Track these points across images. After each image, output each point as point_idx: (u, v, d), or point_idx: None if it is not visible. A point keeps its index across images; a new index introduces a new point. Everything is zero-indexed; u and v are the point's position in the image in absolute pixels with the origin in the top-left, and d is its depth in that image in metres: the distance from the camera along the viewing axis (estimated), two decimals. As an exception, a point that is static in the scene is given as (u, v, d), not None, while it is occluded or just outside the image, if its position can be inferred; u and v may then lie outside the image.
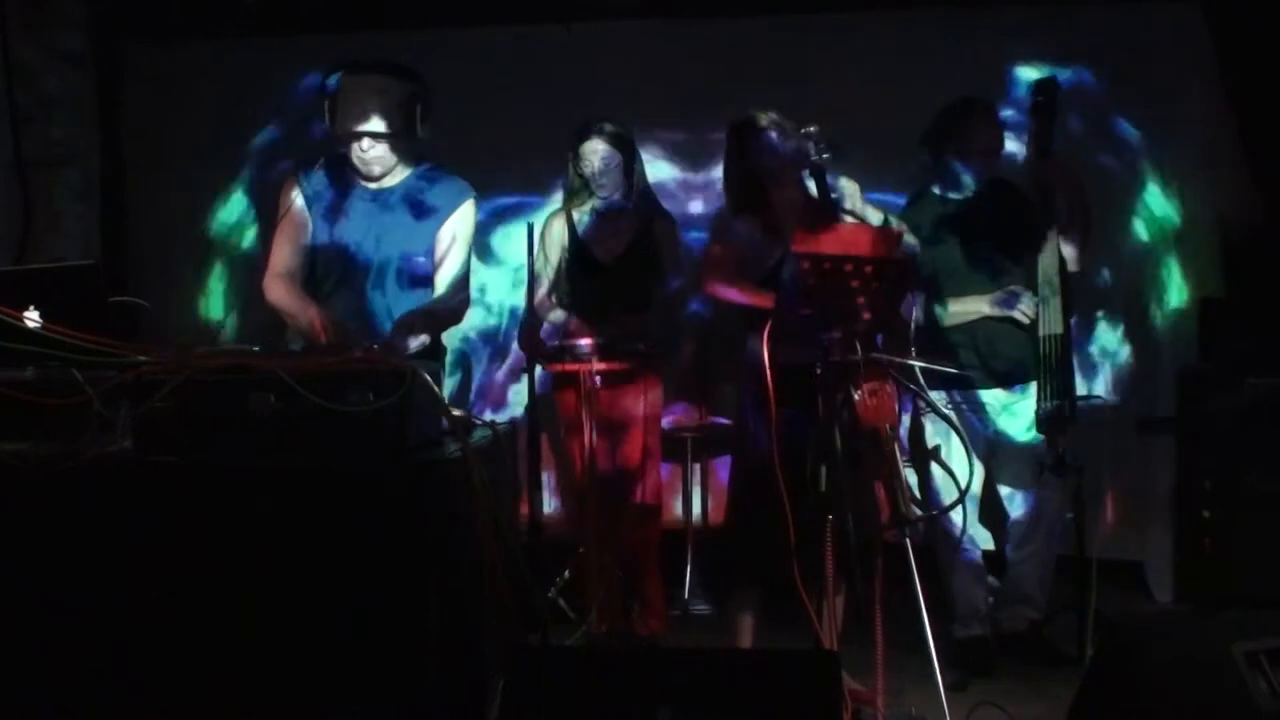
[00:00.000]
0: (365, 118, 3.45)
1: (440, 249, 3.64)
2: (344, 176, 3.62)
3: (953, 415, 3.85)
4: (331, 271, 3.62)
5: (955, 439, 3.67)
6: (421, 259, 3.62)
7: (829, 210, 3.43)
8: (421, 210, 3.62)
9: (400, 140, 3.52)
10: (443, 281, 3.64)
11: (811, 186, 3.43)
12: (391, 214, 3.61)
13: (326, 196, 3.62)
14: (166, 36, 5.37)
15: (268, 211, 5.18)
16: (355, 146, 3.51)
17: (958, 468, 3.59)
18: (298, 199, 3.61)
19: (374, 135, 3.48)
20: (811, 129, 3.39)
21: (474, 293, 4.02)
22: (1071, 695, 2.68)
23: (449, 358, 3.95)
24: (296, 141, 5.24)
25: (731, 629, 3.67)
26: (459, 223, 3.65)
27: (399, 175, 3.62)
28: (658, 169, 5.06)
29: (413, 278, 3.62)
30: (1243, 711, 2.36)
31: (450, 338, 4.02)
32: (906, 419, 3.88)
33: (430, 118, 3.55)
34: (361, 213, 3.61)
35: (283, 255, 3.63)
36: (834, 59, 5.07)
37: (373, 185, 3.60)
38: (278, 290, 3.60)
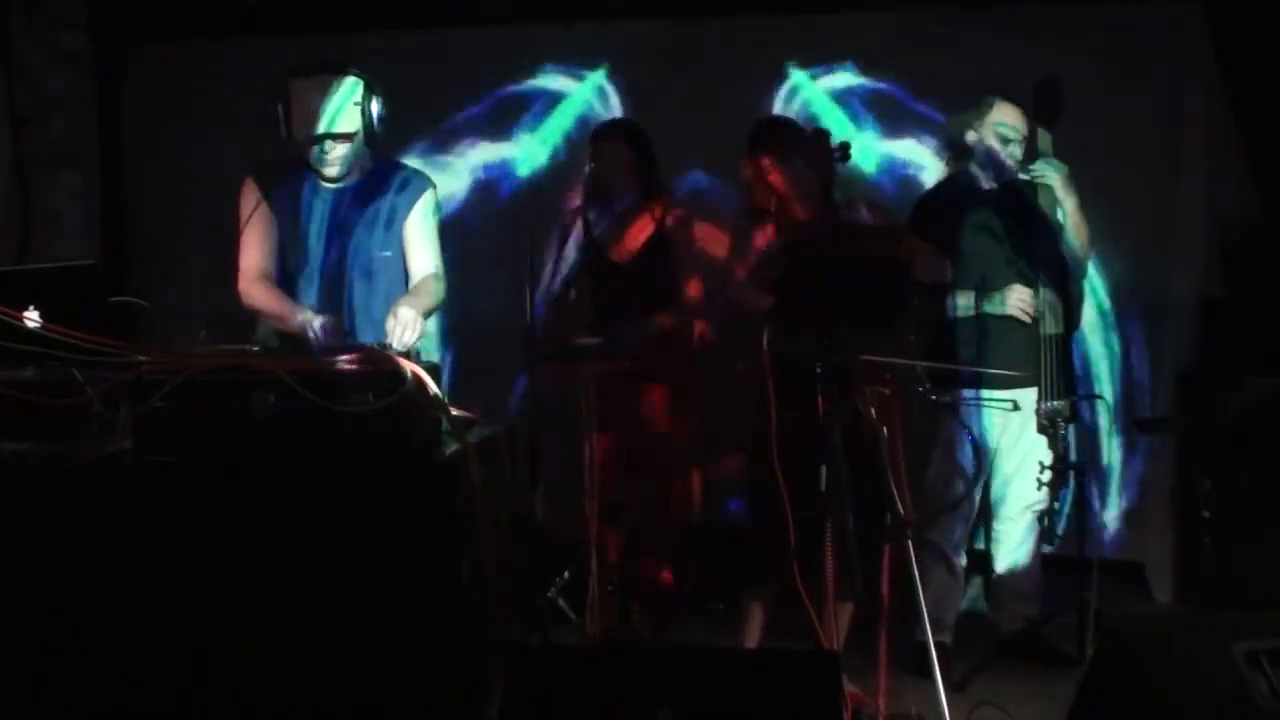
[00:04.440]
0: (322, 120, 3.43)
1: (409, 243, 3.63)
2: (304, 178, 3.58)
3: (965, 417, 3.89)
4: (298, 273, 3.59)
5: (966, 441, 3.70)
6: (389, 254, 3.61)
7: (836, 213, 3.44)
8: (385, 207, 3.61)
9: (358, 139, 3.50)
10: (418, 272, 3.63)
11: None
12: (355, 213, 3.59)
13: (288, 198, 3.59)
14: (166, 36, 5.37)
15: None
16: (314, 149, 3.49)
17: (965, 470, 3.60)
18: (261, 201, 3.56)
19: (333, 137, 3.46)
20: (825, 132, 3.39)
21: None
22: (1071, 695, 2.68)
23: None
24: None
25: (741, 621, 3.66)
26: (423, 214, 3.64)
27: (358, 173, 3.60)
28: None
29: (382, 275, 3.60)
30: (1243, 711, 2.36)
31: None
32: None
33: (385, 113, 3.52)
34: (325, 214, 3.59)
35: (255, 257, 3.58)
36: (834, 58, 5.07)
37: (333, 185, 3.58)
38: (259, 293, 3.57)
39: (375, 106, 3.49)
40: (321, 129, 3.44)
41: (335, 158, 3.51)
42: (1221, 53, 4.73)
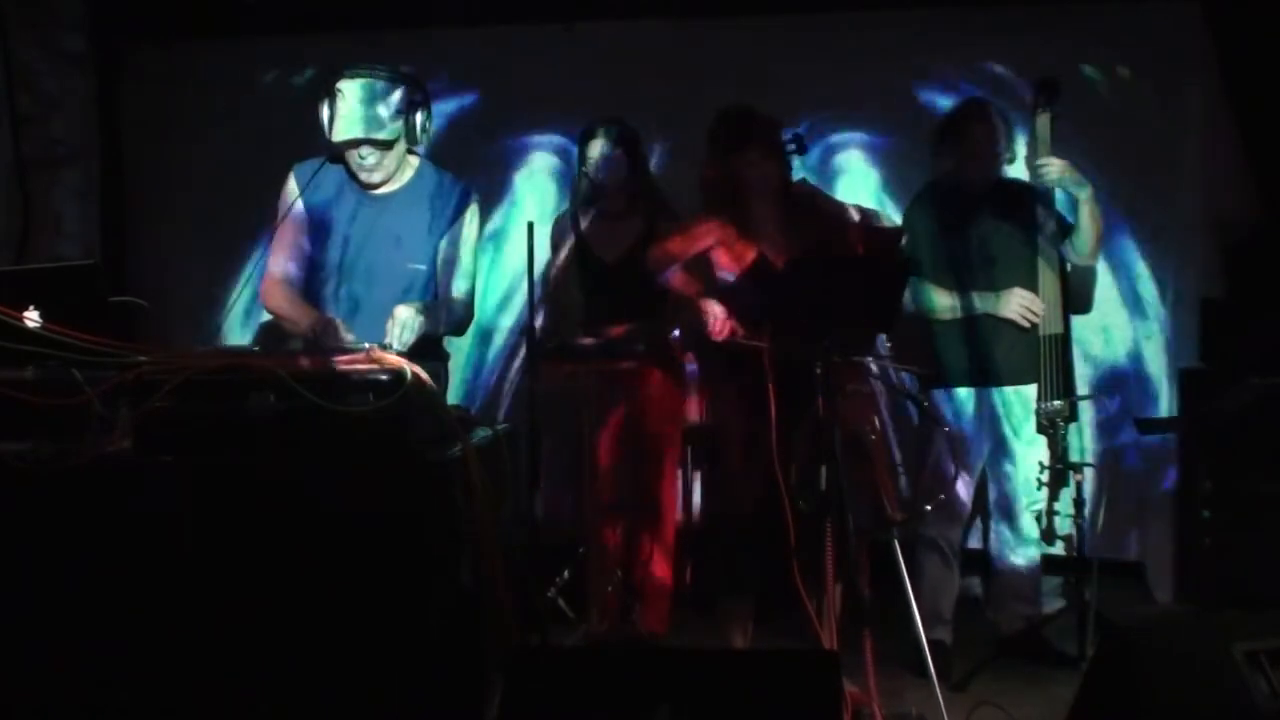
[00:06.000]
0: (365, 124, 3.36)
1: (443, 261, 3.56)
2: (343, 180, 3.53)
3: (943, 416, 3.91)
4: (330, 277, 3.55)
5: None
6: (423, 266, 3.54)
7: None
8: (423, 219, 3.54)
9: (399, 145, 3.45)
10: (449, 289, 3.57)
11: None
12: (392, 221, 3.53)
13: (326, 200, 3.54)
14: (166, 36, 5.37)
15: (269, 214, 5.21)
16: (354, 153, 3.45)
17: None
18: (298, 202, 3.53)
19: (372, 142, 3.40)
20: (778, 124, 3.40)
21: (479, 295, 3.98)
22: (1071, 695, 2.68)
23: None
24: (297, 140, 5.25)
25: (725, 622, 3.66)
26: (462, 233, 3.57)
27: (399, 181, 3.54)
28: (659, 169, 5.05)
29: (413, 285, 3.53)
30: (1243, 711, 2.36)
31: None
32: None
33: (430, 124, 3.48)
34: (361, 218, 3.53)
35: (281, 260, 3.55)
36: (833, 58, 5.07)
37: (373, 191, 3.53)
38: (276, 296, 3.54)
39: (420, 113, 3.43)
40: (362, 133, 3.37)
41: (374, 164, 3.44)
42: (1221, 53, 4.73)
